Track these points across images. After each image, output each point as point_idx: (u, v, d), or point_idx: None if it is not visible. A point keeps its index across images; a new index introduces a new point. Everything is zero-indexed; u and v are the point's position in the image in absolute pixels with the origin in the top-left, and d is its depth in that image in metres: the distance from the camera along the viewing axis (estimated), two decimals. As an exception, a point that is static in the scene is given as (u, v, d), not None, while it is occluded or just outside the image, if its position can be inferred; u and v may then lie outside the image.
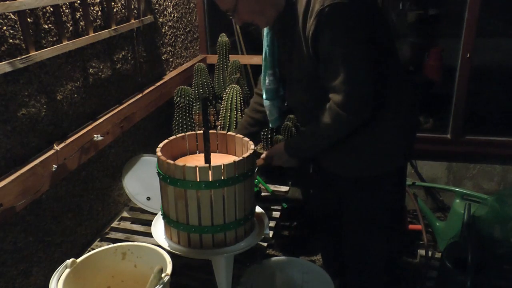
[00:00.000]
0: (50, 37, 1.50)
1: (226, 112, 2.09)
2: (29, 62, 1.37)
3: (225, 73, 2.42)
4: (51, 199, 1.57)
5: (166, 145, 1.49)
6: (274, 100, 1.68)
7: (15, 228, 1.42)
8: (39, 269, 1.54)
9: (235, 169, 1.34)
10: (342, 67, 1.34)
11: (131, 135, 2.06)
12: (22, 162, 1.42)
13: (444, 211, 2.92)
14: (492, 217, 2.28)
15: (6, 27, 1.33)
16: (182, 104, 2.09)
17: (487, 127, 2.83)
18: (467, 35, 2.57)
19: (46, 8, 1.47)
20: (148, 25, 2.13)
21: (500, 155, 2.75)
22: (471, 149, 2.78)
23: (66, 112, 1.62)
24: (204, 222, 1.37)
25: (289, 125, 2.16)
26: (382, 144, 1.54)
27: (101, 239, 1.80)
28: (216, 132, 1.59)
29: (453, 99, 2.71)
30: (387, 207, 1.66)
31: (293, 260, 2.04)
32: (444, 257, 2.13)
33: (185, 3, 2.58)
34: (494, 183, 2.82)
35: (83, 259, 1.35)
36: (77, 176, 1.70)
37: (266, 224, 1.57)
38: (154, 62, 2.25)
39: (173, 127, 2.13)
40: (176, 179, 1.33)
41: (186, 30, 2.63)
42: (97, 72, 1.78)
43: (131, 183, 1.96)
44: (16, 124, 1.39)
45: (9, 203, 1.31)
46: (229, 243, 1.42)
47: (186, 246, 1.42)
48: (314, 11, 1.32)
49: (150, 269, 1.28)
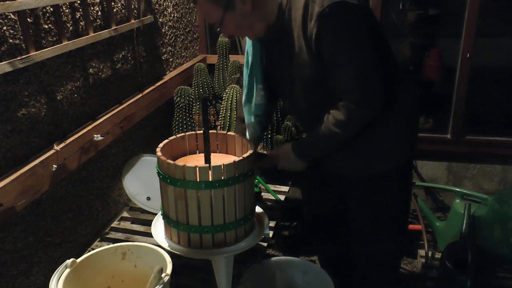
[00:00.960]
0: (50, 37, 1.50)
1: (226, 112, 2.09)
2: (29, 62, 1.37)
3: (225, 73, 2.42)
4: (51, 199, 1.57)
5: (166, 145, 1.49)
6: (260, 116, 1.64)
7: (15, 228, 1.42)
8: (39, 269, 1.54)
9: (235, 169, 1.34)
10: (350, 65, 1.34)
11: (131, 135, 2.06)
12: (22, 162, 1.42)
13: (444, 211, 2.92)
14: (492, 217, 2.28)
15: (6, 27, 1.33)
16: (182, 104, 2.09)
17: (487, 127, 2.83)
18: (467, 35, 2.57)
19: (46, 8, 1.47)
20: (148, 25, 2.13)
21: (500, 155, 2.75)
22: (471, 149, 2.78)
23: (66, 112, 1.62)
24: (204, 222, 1.37)
25: (289, 125, 2.16)
26: (385, 142, 1.54)
27: (101, 239, 1.80)
28: (216, 132, 1.59)
29: (453, 99, 2.71)
30: (393, 204, 1.64)
31: (293, 260, 2.04)
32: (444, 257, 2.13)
33: (185, 3, 2.58)
34: (494, 183, 2.82)
35: (83, 259, 1.34)
36: (77, 176, 1.70)
37: (266, 224, 1.57)
38: (154, 62, 2.25)
39: (173, 127, 2.13)
40: (176, 179, 1.33)
41: (186, 30, 2.63)
42: (97, 72, 1.78)
43: (131, 183, 1.96)
44: (16, 124, 1.39)
45: (9, 203, 1.31)
46: (229, 243, 1.42)
47: (186, 246, 1.42)
48: (314, 14, 1.32)
49: (150, 269, 1.28)
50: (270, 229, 1.72)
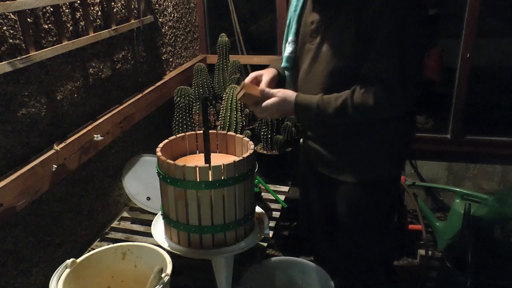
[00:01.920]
0: (50, 37, 1.50)
1: (226, 112, 2.09)
2: (29, 62, 1.37)
3: (225, 73, 2.42)
4: (51, 199, 1.57)
5: (166, 145, 1.49)
6: (292, 70, 1.60)
7: (15, 228, 1.42)
8: (39, 269, 1.54)
9: (235, 169, 1.34)
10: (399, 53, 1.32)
11: (131, 135, 2.06)
12: (22, 162, 1.41)
13: (444, 211, 2.92)
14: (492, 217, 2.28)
15: (6, 27, 1.33)
16: (182, 104, 2.09)
17: (487, 127, 2.83)
18: (467, 35, 2.57)
19: (46, 8, 1.47)
20: (148, 25, 2.13)
21: (500, 155, 2.75)
22: (471, 149, 2.78)
23: (66, 112, 1.62)
24: (204, 222, 1.37)
25: (289, 125, 2.16)
26: (382, 149, 1.54)
27: (101, 239, 1.80)
28: (216, 132, 1.59)
29: (453, 99, 2.71)
30: (383, 210, 1.65)
31: (293, 260, 2.04)
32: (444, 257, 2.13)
33: (185, 3, 2.58)
34: (494, 183, 2.82)
35: (83, 259, 1.34)
36: (77, 176, 1.70)
37: (266, 224, 1.57)
38: (154, 62, 2.26)
39: (173, 127, 2.12)
40: (176, 179, 1.33)
41: (186, 30, 2.63)
42: (97, 72, 1.78)
43: (131, 183, 1.96)
44: (16, 124, 1.39)
45: (9, 203, 1.31)
46: (229, 243, 1.42)
47: (186, 246, 1.42)
48: None
49: (150, 269, 1.28)
50: (270, 229, 1.72)
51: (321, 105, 1.44)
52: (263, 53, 2.85)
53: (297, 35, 1.57)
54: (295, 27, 1.56)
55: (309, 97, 1.48)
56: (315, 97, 1.46)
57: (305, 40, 1.54)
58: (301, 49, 1.57)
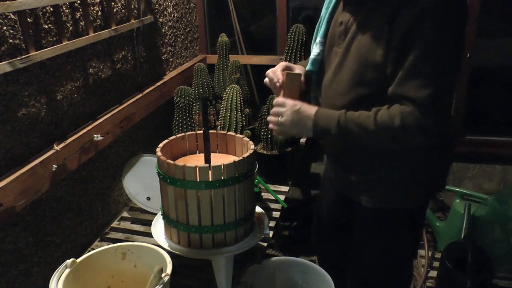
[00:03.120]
0: (50, 37, 1.50)
1: (226, 112, 2.08)
2: (29, 62, 1.37)
3: (225, 73, 2.42)
4: (51, 199, 1.57)
5: (166, 145, 1.49)
6: (318, 74, 1.46)
7: (15, 228, 1.42)
8: (39, 269, 1.54)
9: (235, 169, 1.34)
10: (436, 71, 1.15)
11: (131, 135, 2.06)
12: (22, 162, 1.42)
13: (444, 211, 2.92)
14: (492, 217, 2.28)
15: (6, 27, 1.33)
16: (182, 104, 2.09)
17: (487, 127, 2.83)
18: (467, 35, 2.57)
19: (46, 8, 1.47)
20: (148, 25, 2.13)
21: (500, 155, 2.75)
22: (471, 149, 2.78)
23: (66, 112, 1.62)
24: (204, 222, 1.37)
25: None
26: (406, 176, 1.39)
27: (101, 239, 1.80)
28: (216, 132, 1.59)
29: (453, 99, 2.71)
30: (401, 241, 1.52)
31: (293, 260, 2.04)
32: (444, 257, 2.13)
33: (185, 3, 2.58)
34: (494, 183, 2.82)
35: (83, 259, 1.34)
36: (77, 176, 1.70)
37: (266, 224, 1.57)
38: (154, 62, 2.26)
39: (173, 127, 2.12)
40: (176, 179, 1.33)
41: (186, 30, 2.63)
42: (97, 72, 1.78)
43: (131, 183, 1.96)
44: (16, 124, 1.39)
45: (9, 203, 1.31)
46: (229, 243, 1.42)
47: (186, 246, 1.42)
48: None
49: (150, 269, 1.28)
50: (270, 229, 1.72)
51: (342, 121, 1.28)
52: (263, 53, 2.85)
53: (326, 36, 1.44)
54: (324, 27, 1.43)
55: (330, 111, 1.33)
56: (336, 112, 1.31)
57: (333, 42, 1.40)
58: (329, 52, 1.43)
